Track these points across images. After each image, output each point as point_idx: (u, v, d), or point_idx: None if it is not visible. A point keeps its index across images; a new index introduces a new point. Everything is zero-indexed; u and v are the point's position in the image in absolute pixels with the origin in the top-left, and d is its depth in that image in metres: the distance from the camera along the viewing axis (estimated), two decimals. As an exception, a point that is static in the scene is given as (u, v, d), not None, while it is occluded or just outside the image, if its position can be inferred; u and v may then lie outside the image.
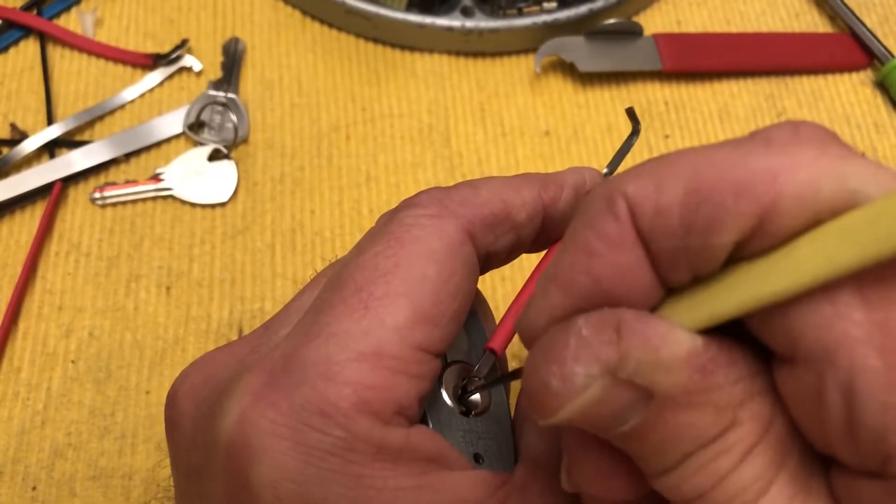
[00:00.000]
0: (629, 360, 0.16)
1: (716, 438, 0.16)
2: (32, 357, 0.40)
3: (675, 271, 0.16)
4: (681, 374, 0.16)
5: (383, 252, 0.22)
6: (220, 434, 0.21)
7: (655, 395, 0.16)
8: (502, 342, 0.24)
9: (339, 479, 0.20)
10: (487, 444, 0.24)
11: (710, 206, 0.15)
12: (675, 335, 0.16)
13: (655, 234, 0.16)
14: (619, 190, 0.16)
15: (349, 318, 0.21)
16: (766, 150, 0.16)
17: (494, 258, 0.25)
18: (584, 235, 0.17)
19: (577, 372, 0.16)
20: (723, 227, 0.15)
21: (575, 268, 0.17)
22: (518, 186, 0.24)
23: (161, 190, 0.44)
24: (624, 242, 0.16)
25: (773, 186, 0.15)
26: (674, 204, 0.16)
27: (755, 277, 0.16)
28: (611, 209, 0.16)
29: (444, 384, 0.24)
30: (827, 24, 0.53)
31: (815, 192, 0.15)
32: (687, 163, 0.16)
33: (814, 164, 0.15)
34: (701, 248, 0.16)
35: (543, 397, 0.17)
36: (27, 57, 0.48)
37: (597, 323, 0.16)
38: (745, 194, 0.15)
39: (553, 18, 0.49)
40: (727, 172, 0.15)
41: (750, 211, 0.15)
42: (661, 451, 0.16)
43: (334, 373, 0.20)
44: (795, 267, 0.15)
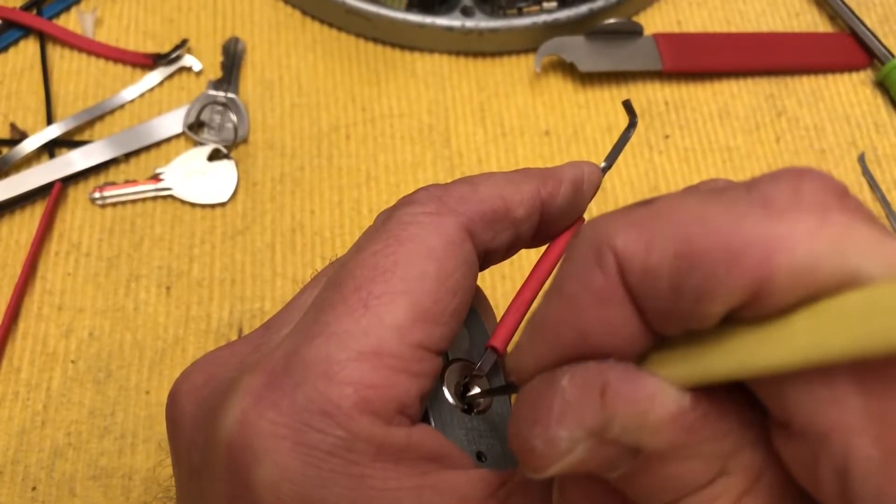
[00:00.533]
0: (614, 423, 0.16)
1: (705, 486, 0.16)
2: (32, 357, 0.40)
3: (664, 327, 0.16)
4: (667, 434, 0.15)
5: (382, 251, 0.22)
6: (220, 434, 0.21)
7: (642, 451, 0.16)
8: (504, 339, 0.24)
9: (340, 480, 0.20)
10: (490, 442, 0.24)
11: (701, 274, 0.15)
12: (662, 396, 0.15)
13: (644, 292, 0.16)
14: (608, 243, 0.16)
15: (349, 316, 0.21)
16: (764, 214, 0.15)
17: (493, 254, 0.25)
18: (571, 287, 0.16)
19: (561, 436, 0.16)
20: (713, 297, 0.15)
21: (561, 320, 0.17)
22: (516, 182, 0.24)
23: (161, 190, 0.44)
24: (612, 298, 0.16)
25: (767, 260, 0.14)
26: (663, 266, 0.15)
27: (748, 345, 0.15)
28: (598, 262, 0.16)
29: (445, 382, 0.24)
30: (827, 23, 0.53)
31: (813, 268, 0.14)
32: (679, 221, 0.15)
33: (813, 238, 0.14)
34: (691, 313, 0.15)
35: (529, 458, 0.17)
36: (27, 57, 0.48)
37: (581, 384, 0.16)
38: (738, 266, 0.14)
39: (553, 18, 0.49)
40: (720, 238, 0.14)
41: (742, 284, 0.14)
42: (651, 495, 0.16)
43: (335, 372, 0.20)
44: (789, 344, 0.14)
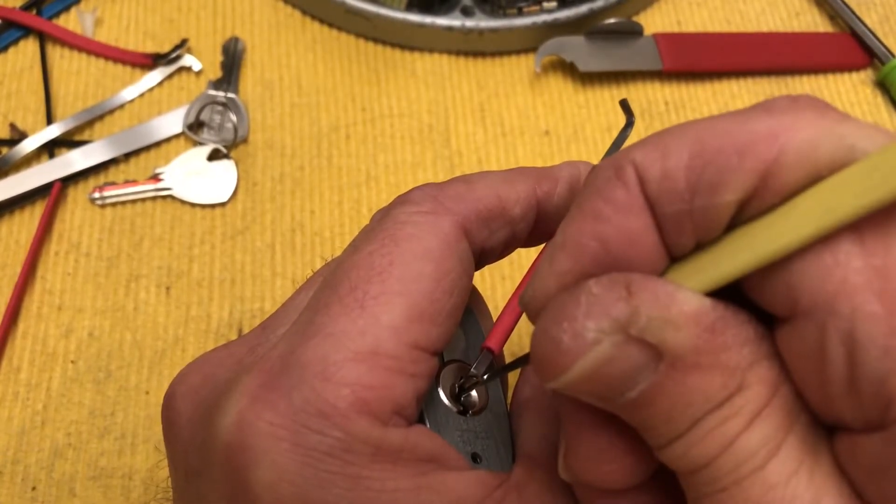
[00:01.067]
0: (640, 315, 0.16)
1: (724, 402, 0.16)
2: (32, 357, 0.40)
3: (680, 236, 0.17)
4: (690, 332, 0.16)
5: (378, 250, 0.22)
6: (218, 436, 0.21)
7: (665, 356, 0.16)
8: (499, 341, 0.24)
9: (337, 481, 0.20)
10: (485, 444, 0.24)
11: (715, 167, 0.16)
12: (683, 294, 0.16)
13: (662, 198, 0.16)
14: (628, 158, 0.17)
15: (345, 317, 0.21)
16: (767, 115, 0.16)
17: (490, 253, 0.25)
18: (593, 201, 0.17)
19: (588, 327, 0.16)
20: (727, 186, 0.16)
21: (583, 232, 0.17)
22: (512, 181, 0.24)
23: (161, 190, 0.44)
24: (632, 207, 0.17)
25: (774, 144, 0.16)
26: (680, 167, 0.16)
27: (757, 236, 0.16)
28: (619, 176, 0.17)
29: (441, 384, 0.24)
30: (827, 23, 0.53)
31: (815, 148, 0.16)
32: (692, 130, 0.17)
33: (813, 125, 0.16)
34: (706, 209, 0.16)
35: (554, 356, 0.17)
36: (27, 57, 0.48)
37: (607, 282, 0.17)
38: (748, 153, 0.16)
39: (553, 18, 0.49)
40: (730, 136, 0.16)
41: (753, 168, 0.16)
42: (669, 418, 0.16)
43: (331, 373, 0.20)
44: (796, 221, 0.15)
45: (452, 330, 0.23)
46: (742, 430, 0.16)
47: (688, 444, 0.16)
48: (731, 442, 0.16)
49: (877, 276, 0.15)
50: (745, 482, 0.16)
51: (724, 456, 0.16)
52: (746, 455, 0.16)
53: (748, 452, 0.16)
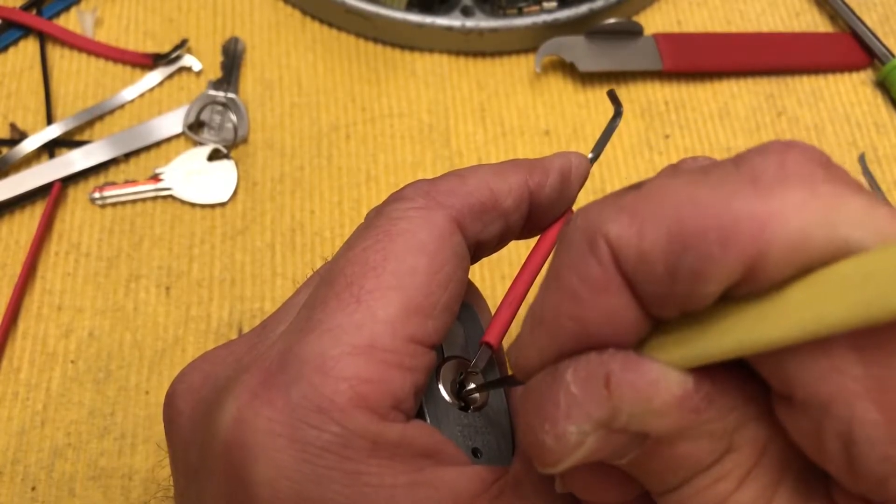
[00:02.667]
0: (621, 413, 0.16)
1: (713, 464, 0.16)
2: (32, 357, 0.40)
3: (662, 310, 0.16)
4: (673, 417, 0.16)
5: (372, 246, 0.22)
6: (217, 433, 0.21)
7: (650, 436, 0.16)
8: (498, 335, 0.24)
9: (335, 477, 0.20)
10: (486, 439, 0.24)
11: (695, 256, 0.15)
12: (665, 381, 0.16)
13: (640, 278, 0.16)
14: (600, 231, 0.16)
15: (341, 312, 0.21)
16: (753, 191, 0.15)
17: (485, 246, 0.25)
18: (568, 278, 0.16)
19: (570, 431, 0.16)
20: (709, 277, 0.15)
21: (560, 312, 0.17)
22: (504, 173, 0.24)
23: (161, 190, 0.44)
24: (608, 287, 0.16)
25: (760, 236, 0.14)
26: (657, 251, 0.15)
27: (746, 323, 0.15)
28: (593, 252, 0.16)
29: (441, 380, 0.24)
30: (827, 23, 0.53)
31: (805, 241, 0.14)
32: (669, 203, 0.15)
33: (803, 211, 0.14)
34: (687, 294, 0.15)
35: (540, 454, 0.17)
36: (27, 57, 0.48)
37: (585, 377, 0.16)
38: (732, 244, 0.14)
39: (553, 18, 0.49)
40: (711, 217, 0.15)
41: (737, 262, 0.14)
42: (661, 477, 0.17)
43: (329, 368, 0.20)
44: (786, 318, 0.14)
45: (449, 323, 0.23)
46: (733, 491, 0.16)
47: (681, 498, 0.17)
48: (722, 501, 0.16)
49: (877, 386, 0.14)
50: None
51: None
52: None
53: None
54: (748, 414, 0.16)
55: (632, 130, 0.48)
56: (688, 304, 0.15)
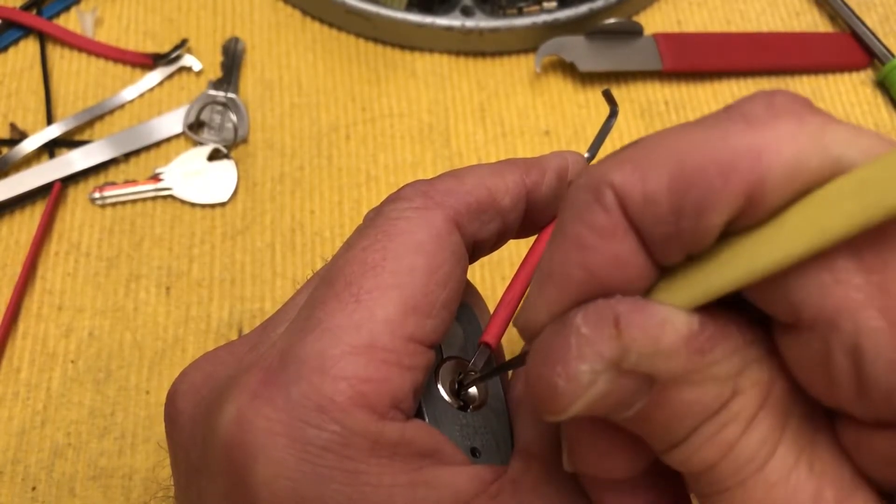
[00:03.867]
0: (630, 352, 0.16)
1: (719, 410, 0.16)
2: (32, 357, 0.40)
3: (668, 253, 0.16)
4: (680, 358, 0.16)
5: (371, 246, 0.22)
6: (218, 433, 0.21)
7: (657, 379, 0.16)
8: (496, 335, 0.24)
9: (335, 476, 0.20)
10: (485, 438, 0.24)
11: (699, 190, 0.15)
12: (672, 322, 0.16)
13: (646, 221, 0.16)
14: (605, 180, 0.16)
15: (341, 312, 0.21)
16: (746, 127, 0.16)
17: (483, 245, 0.25)
18: (575, 228, 0.17)
19: (582, 370, 0.16)
20: (713, 209, 0.15)
21: (569, 262, 0.17)
22: (500, 172, 0.25)
23: (161, 190, 0.44)
24: (615, 232, 0.16)
25: (758, 164, 0.15)
26: (661, 190, 0.16)
27: (749, 251, 0.16)
28: (599, 200, 0.16)
29: (440, 380, 0.24)
30: (827, 23, 0.53)
31: (800, 164, 0.15)
32: (668, 147, 0.16)
33: (795, 138, 0.15)
34: (692, 230, 0.16)
35: (552, 398, 0.17)
36: (27, 56, 0.48)
37: (595, 319, 0.16)
38: (732, 175, 0.15)
39: (553, 18, 0.49)
40: (710, 154, 0.15)
41: (738, 190, 0.15)
42: (668, 429, 0.17)
43: (329, 367, 0.20)
44: (788, 239, 0.15)
45: (448, 322, 0.23)
46: (740, 435, 0.16)
47: (688, 450, 0.17)
48: (730, 447, 0.16)
49: (878, 292, 0.15)
50: (748, 483, 0.16)
51: (724, 461, 0.16)
52: (746, 458, 0.16)
53: (747, 455, 0.16)
54: (751, 357, 0.17)
55: (632, 130, 0.48)
56: (693, 242, 0.16)
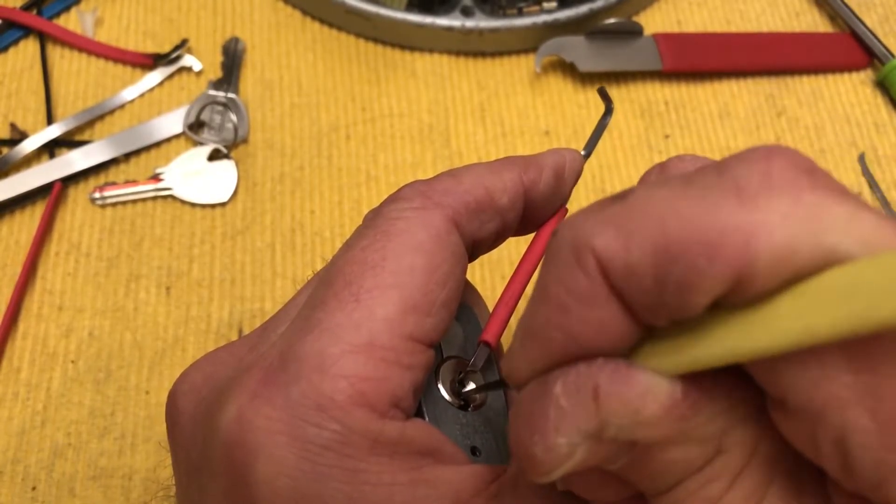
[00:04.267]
0: (609, 424, 0.16)
1: (703, 467, 0.16)
2: (32, 357, 0.40)
3: (651, 319, 0.16)
4: (662, 426, 0.16)
5: (371, 246, 0.22)
6: (218, 432, 0.21)
7: (638, 444, 0.16)
8: (495, 334, 0.24)
9: (335, 474, 0.20)
10: (484, 438, 0.24)
11: (683, 267, 0.15)
12: (653, 392, 0.16)
13: (628, 290, 0.16)
14: (587, 244, 0.16)
15: (341, 311, 0.21)
16: (737, 202, 0.15)
17: (482, 244, 0.25)
18: (556, 290, 0.16)
19: (559, 443, 0.16)
20: (697, 289, 0.15)
21: (550, 324, 0.17)
22: (498, 171, 0.25)
23: (161, 190, 0.44)
24: (596, 298, 0.16)
25: (746, 249, 0.14)
26: (644, 263, 0.15)
27: (736, 331, 0.15)
28: (580, 264, 0.16)
29: (440, 379, 0.24)
30: (827, 23, 0.53)
31: (791, 252, 0.14)
32: (654, 213, 0.15)
33: (788, 221, 0.14)
34: (677, 305, 0.15)
35: (531, 465, 0.17)
36: (27, 57, 0.48)
37: (574, 390, 0.16)
38: (718, 257, 0.14)
39: (553, 18, 0.49)
40: (697, 230, 0.15)
41: (724, 274, 0.14)
42: (653, 480, 0.17)
43: (328, 366, 0.20)
44: (776, 328, 0.14)
45: (448, 322, 0.23)
46: (724, 492, 0.16)
47: (674, 500, 0.17)
48: (714, 502, 0.16)
49: (867, 393, 0.14)
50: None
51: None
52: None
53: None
54: (737, 417, 0.16)
55: (632, 130, 0.48)
56: (677, 313, 0.15)
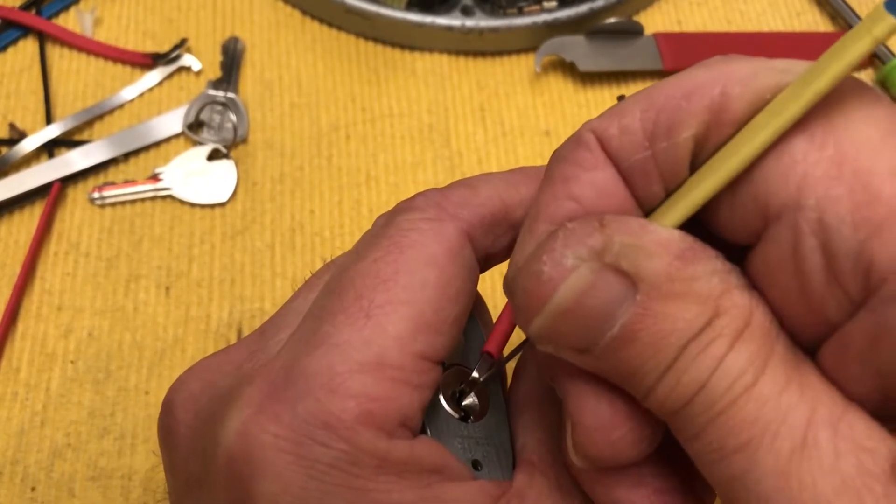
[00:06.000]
0: (613, 243, 0.17)
1: (704, 327, 0.17)
2: (31, 357, 0.39)
3: (647, 183, 0.18)
4: (662, 259, 0.17)
5: (383, 258, 0.22)
6: (221, 446, 0.20)
7: (640, 284, 0.17)
8: (498, 344, 0.24)
9: (342, 494, 0.20)
10: (485, 450, 0.23)
11: (667, 112, 0.18)
12: (653, 226, 0.17)
13: (624, 151, 0.18)
14: (585, 127, 0.19)
15: (350, 326, 0.21)
16: (705, 67, 0.18)
17: (493, 258, 0.25)
18: (560, 168, 0.19)
19: (566, 255, 0.17)
20: (682, 124, 0.17)
21: (556, 195, 0.19)
22: (515, 183, 0.24)
23: (160, 190, 0.44)
24: (597, 164, 0.18)
25: (717, 82, 0.17)
26: (635, 120, 0.18)
27: (717, 161, 0.17)
28: (580, 142, 0.18)
29: (441, 389, 0.23)
30: (828, 23, 0.53)
31: (755, 77, 0.17)
32: (639, 94, 0.18)
33: (748, 64, 0.18)
34: (667, 150, 0.17)
35: (536, 287, 0.18)
36: (26, 56, 0.48)
37: (582, 218, 0.18)
38: (696, 94, 0.17)
39: (553, 18, 0.49)
40: (676, 87, 0.18)
41: (703, 104, 0.17)
42: (655, 351, 0.17)
43: (337, 384, 0.20)
44: (749, 136, 0.17)
45: (457, 339, 0.22)
46: (727, 350, 0.17)
47: (677, 374, 0.17)
48: (718, 362, 0.17)
49: (832, 164, 0.16)
50: (740, 400, 0.16)
51: (714, 378, 0.17)
52: (736, 373, 0.16)
53: (737, 370, 0.16)
54: (731, 282, 0.17)
55: (632, 130, 0.48)
56: (668, 164, 0.18)
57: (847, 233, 0.16)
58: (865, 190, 0.16)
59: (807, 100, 0.16)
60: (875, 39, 0.16)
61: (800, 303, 0.17)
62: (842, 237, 0.16)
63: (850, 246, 0.16)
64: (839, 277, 0.16)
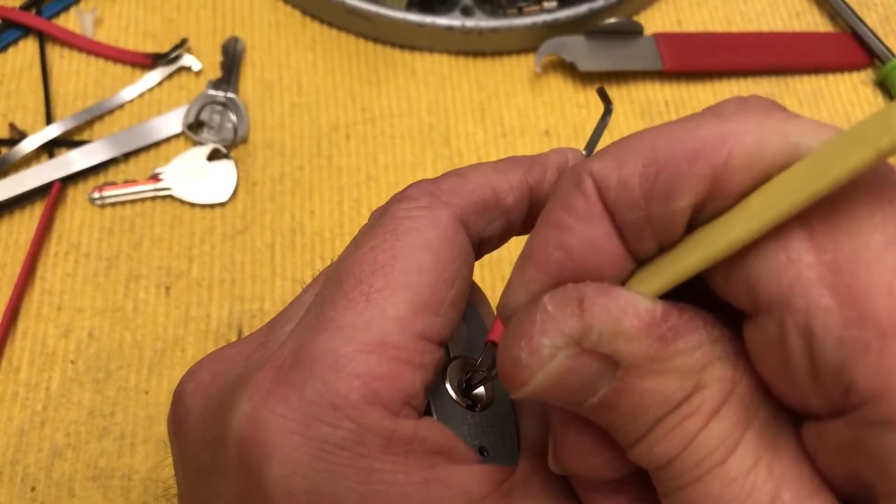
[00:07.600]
0: (592, 330, 0.17)
1: (681, 402, 0.17)
2: (31, 357, 0.39)
3: (641, 241, 0.17)
4: (642, 342, 0.17)
5: (380, 245, 0.22)
6: (230, 431, 0.21)
7: (620, 364, 0.17)
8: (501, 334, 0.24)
9: (349, 473, 0.20)
10: (492, 437, 0.24)
11: (667, 174, 0.17)
12: (634, 306, 0.17)
13: (620, 206, 0.17)
14: (586, 168, 0.18)
15: (352, 310, 0.21)
16: (716, 119, 0.17)
17: (487, 243, 0.25)
18: (556, 213, 0.18)
19: (543, 344, 0.17)
20: (680, 192, 0.16)
21: (548, 243, 0.18)
22: (504, 170, 0.25)
23: (160, 190, 0.44)
24: (592, 216, 0.17)
25: (722, 149, 0.16)
26: (634, 175, 0.17)
27: (711, 234, 0.17)
28: (579, 186, 0.18)
29: (448, 379, 0.24)
30: (827, 23, 0.53)
31: (762, 149, 0.16)
32: (645, 139, 0.17)
33: (759, 127, 0.16)
34: (662, 215, 0.17)
35: (515, 371, 0.17)
36: (26, 56, 0.48)
37: (560, 299, 0.17)
38: (698, 159, 0.16)
39: (553, 18, 0.49)
40: (681, 142, 0.17)
41: (704, 172, 0.16)
42: (633, 419, 0.17)
43: (342, 365, 0.20)
44: (745, 217, 0.16)
45: (456, 320, 0.23)
46: (700, 429, 0.17)
47: (651, 442, 0.17)
48: (690, 440, 0.17)
49: (828, 271, 0.15)
50: (706, 477, 0.17)
51: (684, 453, 0.17)
52: (706, 452, 0.17)
53: (707, 449, 0.17)
54: (716, 354, 0.17)
55: (632, 130, 0.48)
56: (663, 227, 0.17)
57: (831, 346, 0.15)
58: (856, 306, 0.15)
59: (810, 194, 0.15)
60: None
61: (785, 386, 0.17)
62: (826, 349, 0.15)
63: (832, 361, 0.15)
64: (821, 382, 0.16)
